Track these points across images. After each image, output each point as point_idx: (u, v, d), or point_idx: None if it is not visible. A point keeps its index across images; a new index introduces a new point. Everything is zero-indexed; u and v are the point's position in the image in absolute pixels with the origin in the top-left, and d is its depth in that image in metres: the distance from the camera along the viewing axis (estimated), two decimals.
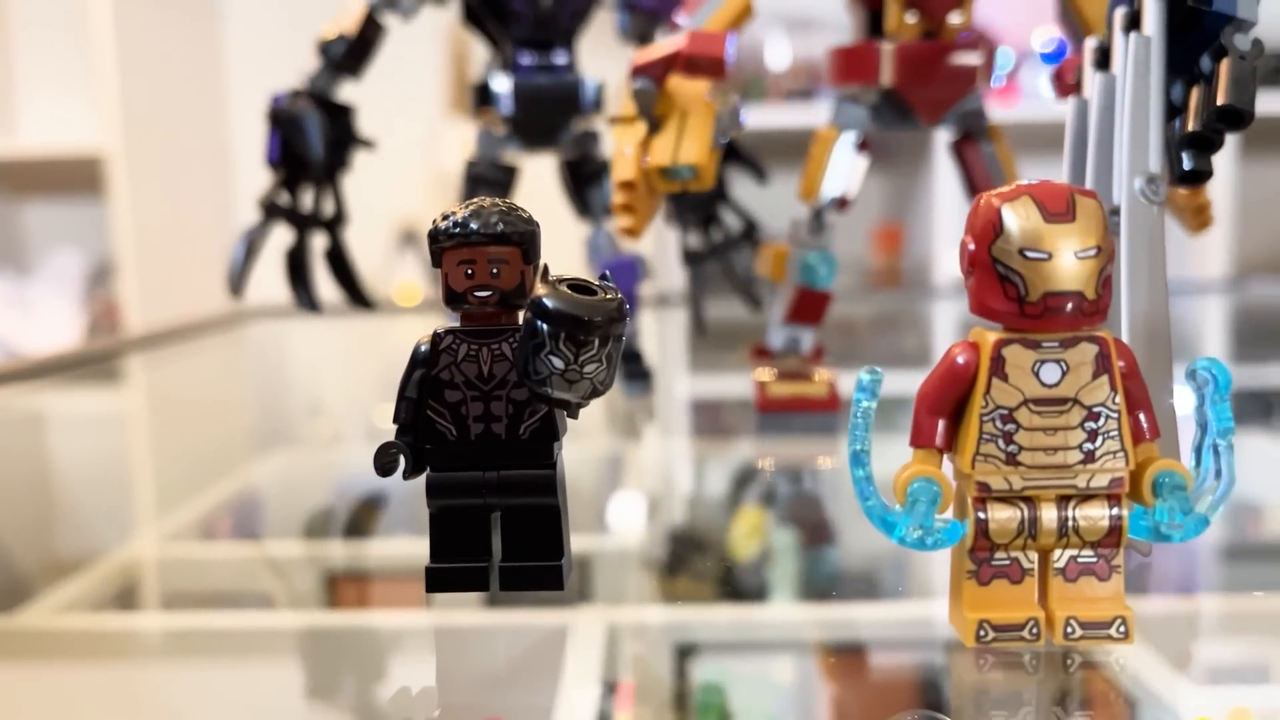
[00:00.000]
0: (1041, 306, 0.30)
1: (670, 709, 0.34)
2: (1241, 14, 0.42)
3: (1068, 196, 0.30)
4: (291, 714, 0.36)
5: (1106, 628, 0.31)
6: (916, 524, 0.31)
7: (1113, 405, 0.31)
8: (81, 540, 0.58)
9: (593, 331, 0.33)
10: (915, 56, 0.58)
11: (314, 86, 0.70)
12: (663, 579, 0.46)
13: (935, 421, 0.32)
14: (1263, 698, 0.34)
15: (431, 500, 0.37)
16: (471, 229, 0.35)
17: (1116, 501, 0.31)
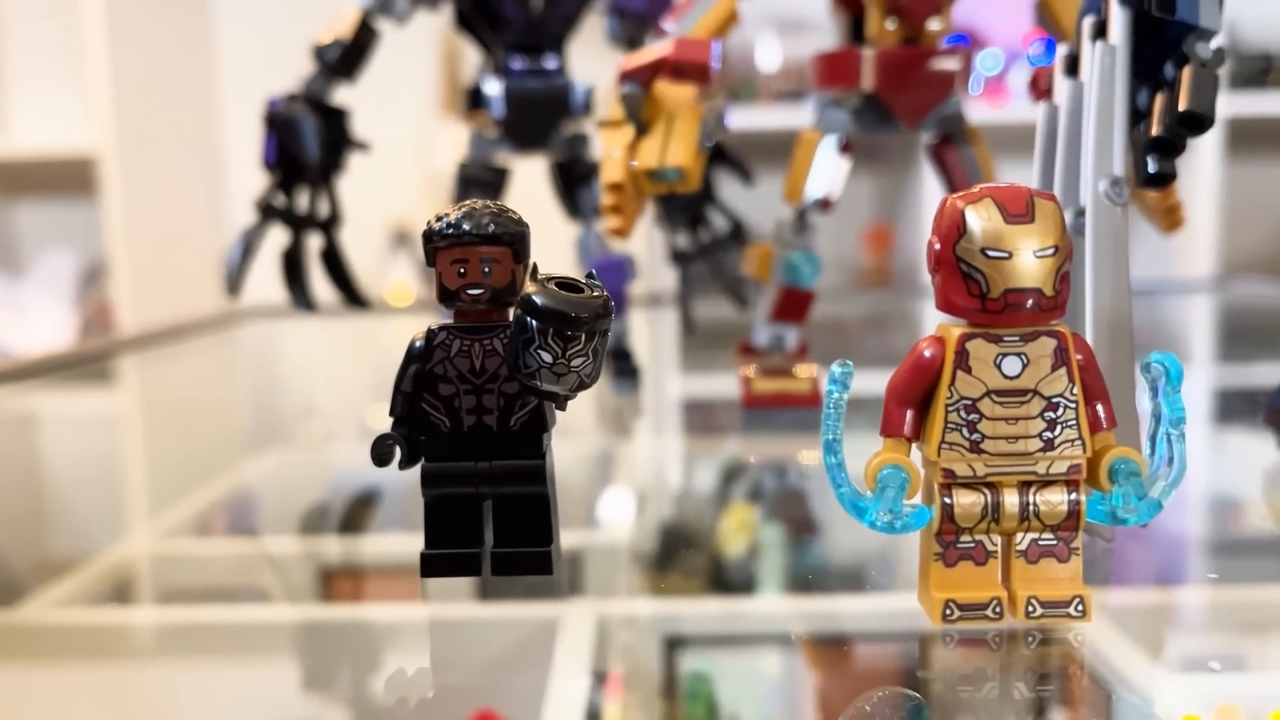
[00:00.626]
0: (1002, 303, 0.32)
1: (658, 697, 0.35)
2: (1203, 23, 0.44)
3: (1027, 199, 0.32)
4: (288, 705, 0.37)
5: (1065, 606, 0.33)
6: (886, 509, 0.33)
7: (1071, 396, 0.33)
8: (78, 537, 0.59)
9: (579, 327, 0.34)
10: (895, 62, 0.60)
11: (309, 90, 0.72)
12: (652, 572, 0.47)
13: (904, 412, 0.34)
14: (1231, 685, 0.35)
15: (426, 489, 0.39)
16: (464, 230, 0.37)
17: (1075, 487, 0.33)
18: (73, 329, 2.23)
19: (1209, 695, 0.34)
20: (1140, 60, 0.46)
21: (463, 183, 0.74)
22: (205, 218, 2.42)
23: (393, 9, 0.71)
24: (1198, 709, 0.32)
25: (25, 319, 2.24)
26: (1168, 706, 0.33)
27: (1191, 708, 0.33)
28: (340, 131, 0.74)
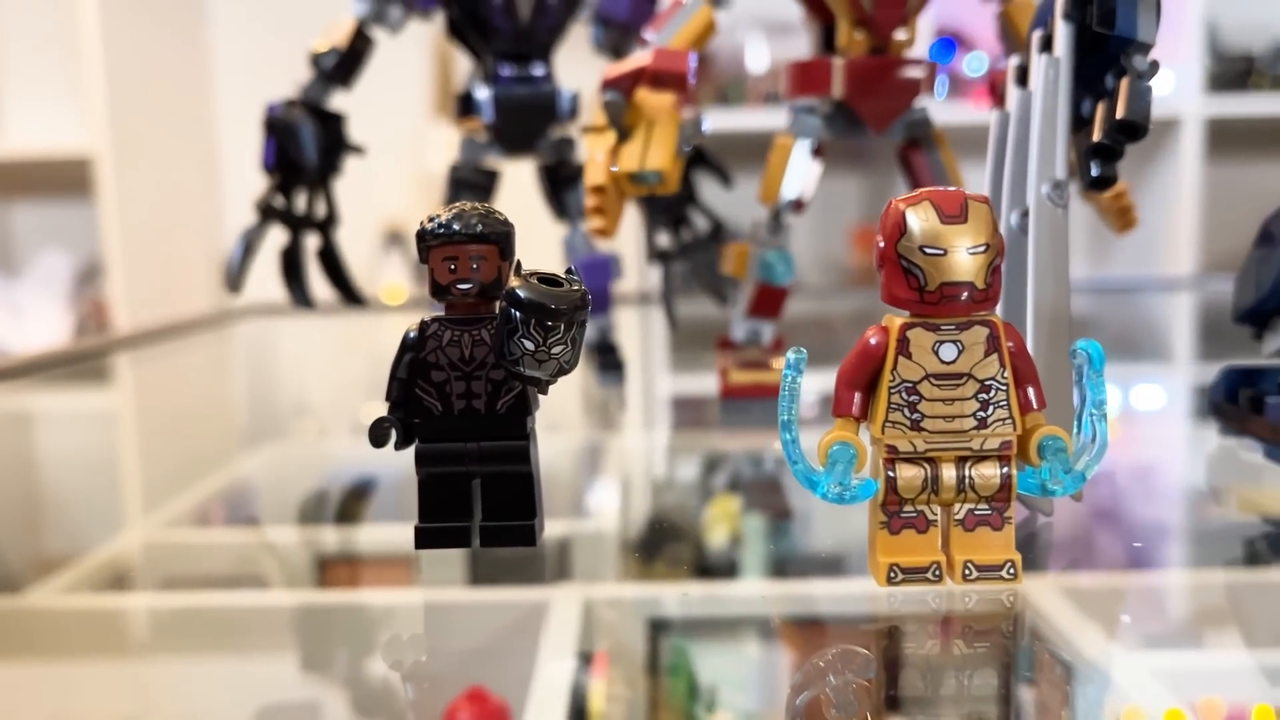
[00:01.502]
0: (939, 295, 0.36)
1: (641, 674, 0.37)
2: (1140, 37, 0.48)
3: (962, 201, 0.36)
4: (287, 685, 0.39)
5: (999, 570, 0.37)
6: (836, 481, 0.37)
7: (1002, 379, 0.36)
8: (79, 529, 0.60)
9: (559, 318, 0.38)
10: (863, 71, 0.64)
11: (307, 96, 0.76)
12: (636, 558, 0.49)
13: (852, 394, 0.37)
14: (1183, 661, 0.38)
15: (420, 468, 0.42)
16: (455, 229, 0.40)
17: (1006, 461, 0.37)
18: (68, 328, 2.25)
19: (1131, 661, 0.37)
20: (1084, 72, 0.49)
21: (454, 184, 0.77)
22: (200, 218, 2.43)
23: (387, 18, 0.75)
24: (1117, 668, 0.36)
25: (21, 319, 2.25)
26: (1093, 662, 0.37)
27: (1115, 665, 0.36)
28: (337, 135, 0.77)
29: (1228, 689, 0.35)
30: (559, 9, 0.74)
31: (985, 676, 0.35)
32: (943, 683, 0.34)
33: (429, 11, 0.75)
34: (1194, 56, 1.88)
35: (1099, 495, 0.53)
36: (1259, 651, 0.38)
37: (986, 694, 0.34)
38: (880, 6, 0.62)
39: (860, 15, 0.62)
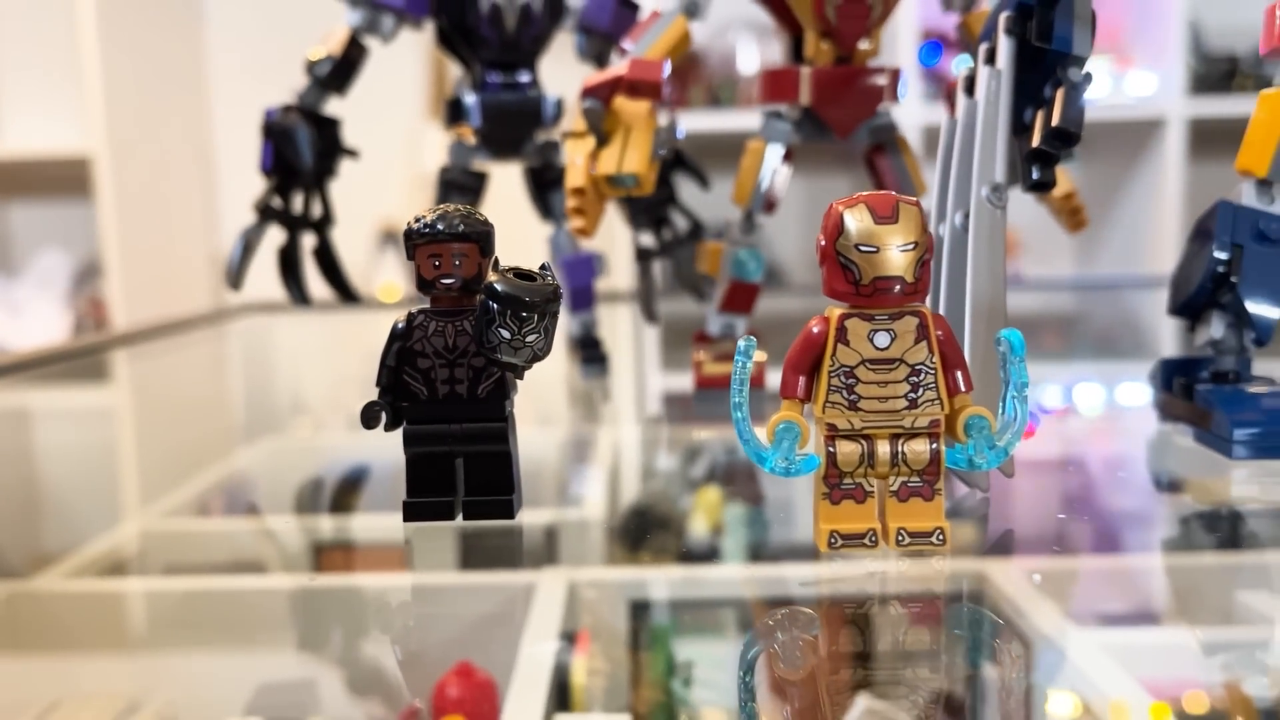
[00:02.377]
0: (873, 288, 0.40)
1: (622, 652, 0.39)
2: (1076, 51, 0.52)
3: (894, 204, 0.40)
4: (285, 662, 0.41)
5: (929, 536, 0.41)
6: (782, 456, 0.41)
7: (930, 364, 0.41)
8: (82, 518, 0.62)
9: (532, 310, 0.42)
10: (829, 79, 0.68)
11: (303, 102, 0.80)
12: (619, 544, 0.51)
13: (797, 378, 0.42)
14: (1128, 637, 0.41)
15: (408, 447, 0.47)
16: (439, 229, 0.45)
17: (935, 438, 0.41)
18: (66, 327, 2.27)
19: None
20: (1029, 83, 0.54)
21: (443, 186, 0.81)
22: (198, 217, 2.46)
23: (379, 28, 0.79)
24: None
25: (19, 318, 2.27)
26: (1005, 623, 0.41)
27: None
28: (332, 139, 0.81)
29: (1140, 662, 0.39)
30: (543, 19, 0.78)
31: (920, 635, 0.39)
32: (883, 640, 0.38)
33: (420, 21, 0.79)
34: (1178, 58, 1.92)
35: (1037, 478, 0.57)
36: (1173, 628, 0.42)
37: (921, 650, 0.38)
38: (844, 19, 0.66)
39: (826, 27, 0.67)
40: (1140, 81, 1.95)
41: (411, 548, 0.49)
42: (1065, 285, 1.98)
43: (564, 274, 0.83)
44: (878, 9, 0.66)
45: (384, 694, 0.38)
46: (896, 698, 0.34)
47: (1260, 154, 0.56)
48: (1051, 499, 0.56)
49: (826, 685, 0.36)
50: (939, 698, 0.35)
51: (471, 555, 0.48)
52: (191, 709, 0.38)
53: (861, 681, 0.36)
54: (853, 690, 0.35)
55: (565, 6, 0.80)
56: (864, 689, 0.35)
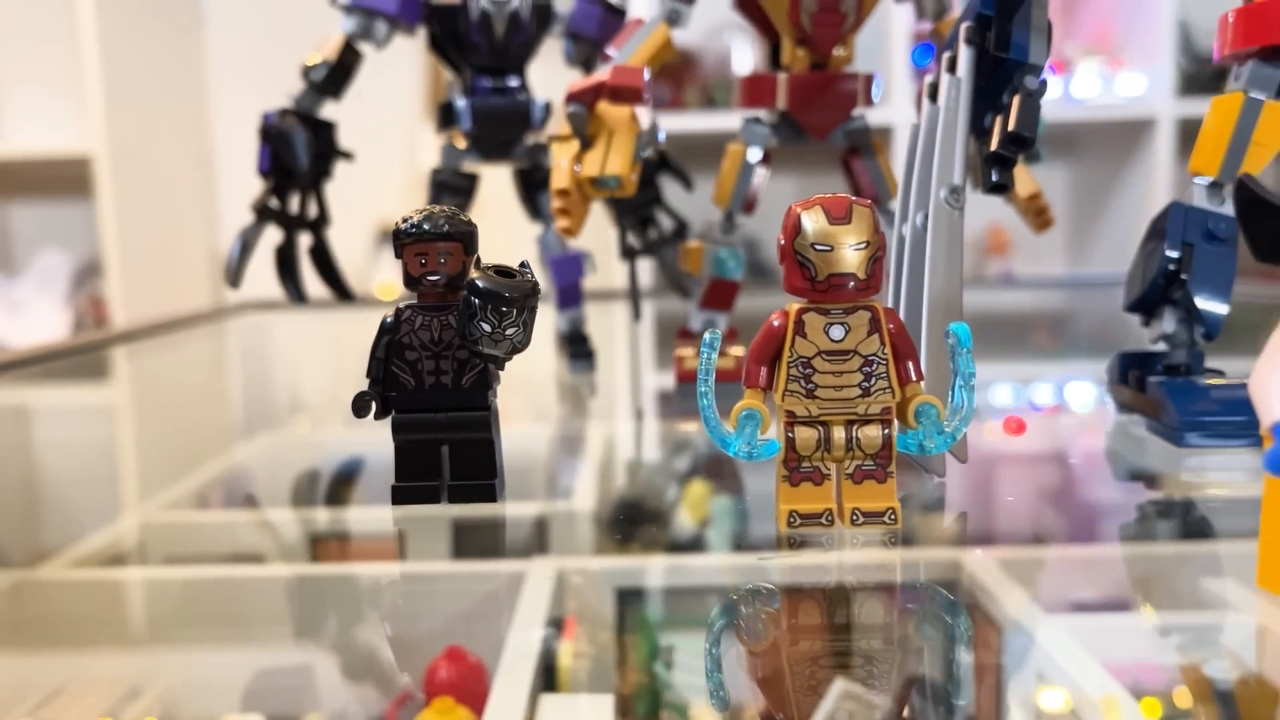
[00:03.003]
0: (828, 284, 0.43)
1: (608, 637, 0.41)
2: (1032, 60, 0.55)
3: (847, 205, 0.43)
4: (284, 647, 0.43)
5: (881, 515, 0.45)
6: (745, 441, 0.45)
7: (882, 355, 0.44)
8: (86, 510, 0.63)
9: (512, 305, 0.46)
10: (804, 85, 0.71)
11: (299, 106, 0.83)
12: (607, 533, 0.52)
13: (759, 368, 0.45)
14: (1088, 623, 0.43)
15: (396, 435, 0.50)
16: (425, 229, 0.48)
17: (887, 424, 0.45)
18: (66, 325, 2.30)
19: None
20: (990, 90, 0.57)
21: (435, 187, 0.84)
22: (197, 216, 2.49)
23: (373, 34, 0.82)
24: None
25: (19, 317, 2.30)
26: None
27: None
28: (328, 142, 0.84)
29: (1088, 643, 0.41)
30: (531, 25, 0.82)
31: (874, 608, 0.42)
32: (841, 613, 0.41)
33: (412, 28, 0.82)
34: (1167, 58, 1.95)
35: (994, 466, 0.61)
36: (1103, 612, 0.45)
37: (877, 622, 0.41)
38: (819, 27, 0.69)
39: (801, 34, 0.70)
40: (1130, 82, 1.99)
41: (404, 538, 0.52)
42: (1057, 284, 2.01)
43: (552, 272, 0.86)
44: (851, 17, 0.69)
45: (378, 678, 0.39)
46: (854, 667, 0.37)
47: (1211, 157, 0.59)
48: (1005, 485, 0.59)
49: (788, 655, 0.39)
50: (895, 668, 0.38)
51: (463, 545, 0.51)
52: (191, 694, 0.39)
53: (821, 653, 0.39)
54: (812, 661, 0.38)
55: (553, 13, 0.83)
56: (823, 660, 0.38)
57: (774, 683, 0.37)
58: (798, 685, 0.37)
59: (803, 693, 0.36)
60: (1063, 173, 2.26)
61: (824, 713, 0.34)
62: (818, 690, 0.36)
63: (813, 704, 0.35)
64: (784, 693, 0.36)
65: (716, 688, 0.37)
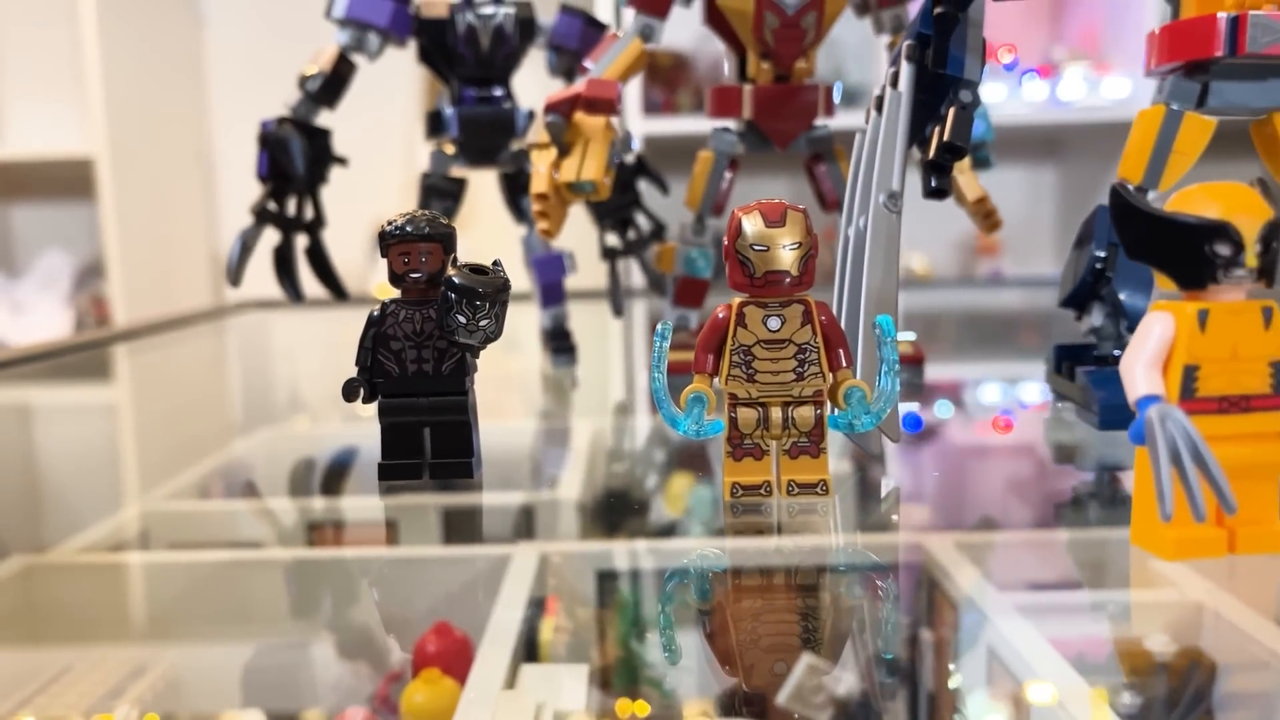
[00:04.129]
0: (764, 280, 0.49)
1: (587, 614, 0.44)
2: (967, 76, 0.61)
3: (783, 210, 0.49)
4: (279, 629, 0.45)
5: (814, 487, 0.51)
6: (693, 421, 0.50)
7: (814, 344, 0.50)
8: (90, 500, 0.66)
9: (484, 299, 0.52)
10: (768, 96, 0.77)
11: (296, 114, 0.88)
12: (589, 519, 0.56)
13: (707, 356, 0.51)
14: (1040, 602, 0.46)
15: (382, 418, 0.56)
16: (408, 231, 0.54)
17: (820, 405, 0.50)
18: (67, 325, 2.35)
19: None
20: (930, 102, 0.63)
21: (424, 191, 0.90)
22: (198, 217, 2.54)
23: (366, 46, 0.88)
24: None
25: (21, 317, 2.34)
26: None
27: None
28: (323, 148, 0.90)
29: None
30: (515, 38, 0.88)
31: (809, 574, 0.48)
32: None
33: (403, 40, 0.88)
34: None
35: (934, 448, 0.66)
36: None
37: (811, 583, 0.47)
38: (781, 42, 0.75)
39: (765, 49, 0.76)
40: (1116, 86, 2.04)
41: (397, 525, 0.56)
42: (1045, 283, 2.06)
43: (535, 271, 0.92)
44: (811, 33, 0.75)
45: (371, 657, 0.42)
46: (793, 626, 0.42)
47: (1136, 165, 0.65)
48: (939, 464, 0.65)
49: (732, 613, 0.45)
50: (829, 625, 0.43)
51: (452, 531, 0.55)
52: (193, 672, 0.42)
53: (760, 612, 0.44)
54: (754, 618, 0.44)
55: (536, 27, 0.89)
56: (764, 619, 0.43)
57: (721, 638, 0.42)
58: (741, 641, 0.41)
59: (745, 647, 0.41)
60: (1050, 174, 2.32)
61: (790, 686, 0.37)
62: (759, 644, 0.41)
63: (754, 656, 0.39)
64: (730, 647, 0.41)
65: (669, 643, 0.41)
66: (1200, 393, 0.41)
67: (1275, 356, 0.41)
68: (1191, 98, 0.64)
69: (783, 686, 0.36)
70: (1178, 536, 0.41)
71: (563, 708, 0.36)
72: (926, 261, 2.26)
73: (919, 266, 2.24)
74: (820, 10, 0.75)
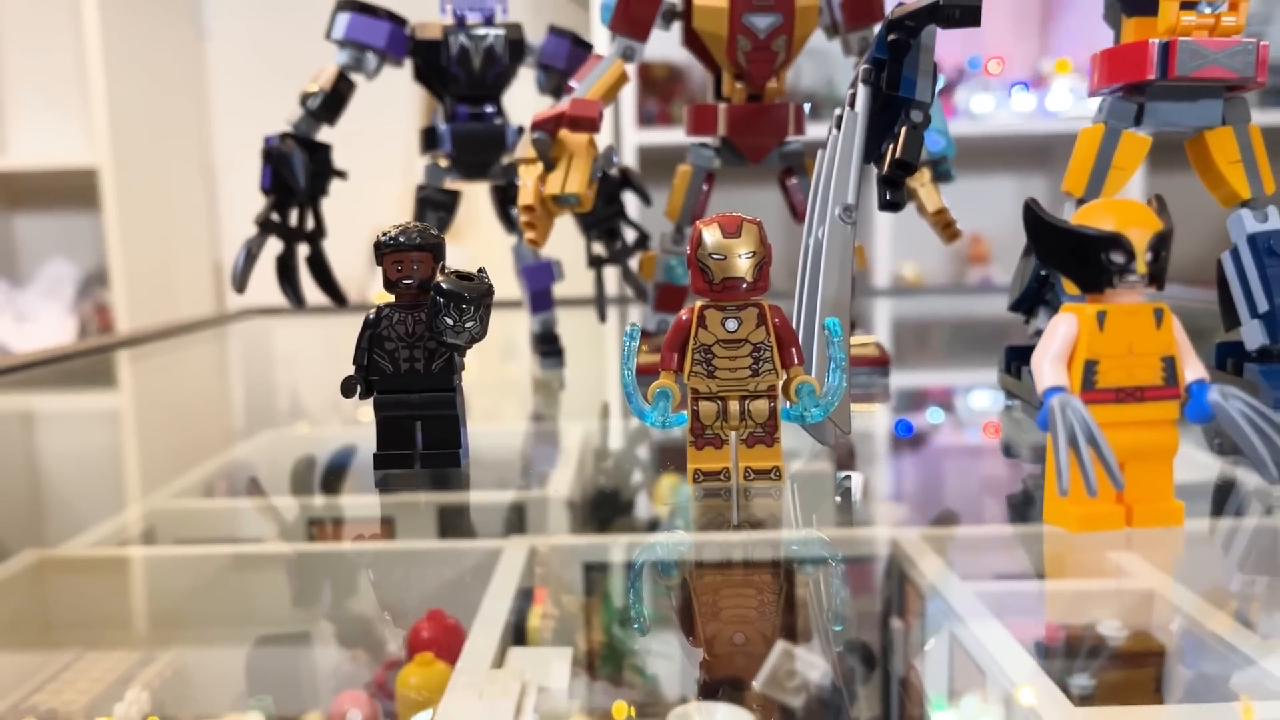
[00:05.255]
0: (722, 286, 0.55)
1: (573, 603, 0.47)
2: (918, 97, 0.66)
3: (739, 222, 0.55)
4: (281, 618, 0.47)
5: (768, 473, 0.56)
6: (660, 414, 0.56)
7: (768, 343, 0.56)
8: (100, 498, 0.69)
9: (470, 303, 0.57)
10: (741, 114, 0.83)
11: (298, 130, 0.95)
12: (580, 516, 0.60)
13: (672, 354, 0.57)
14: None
15: (377, 412, 0.61)
16: (400, 241, 0.60)
17: (773, 399, 0.56)
18: (71, 333, 2.41)
19: None
20: (886, 120, 0.68)
21: (420, 202, 0.97)
22: (199, 226, 2.60)
23: (364, 66, 0.94)
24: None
25: (26, 325, 2.41)
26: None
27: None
28: (324, 162, 0.95)
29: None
30: (506, 59, 0.94)
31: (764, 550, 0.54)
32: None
33: (400, 60, 0.94)
34: None
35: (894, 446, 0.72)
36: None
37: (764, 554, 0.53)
38: (753, 64, 0.81)
39: (738, 70, 0.82)
40: None
41: (394, 521, 0.60)
42: None
43: (524, 278, 0.99)
44: (781, 55, 0.81)
45: (369, 645, 0.44)
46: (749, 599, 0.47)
47: (1078, 179, 0.71)
48: (891, 457, 0.71)
49: (696, 588, 0.50)
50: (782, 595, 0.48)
51: (447, 526, 0.59)
52: (198, 659, 0.44)
53: (720, 586, 0.50)
54: (714, 594, 0.49)
55: (525, 47, 0.95)
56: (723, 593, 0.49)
57: (684, 611, 0.47)
58: (703, 613, 0.46)
59: (706, 618, 0.46)
60: (1040, 183, 2.38)
61: (766, 671, 0.39)
62: (719, 616, 0.47)
63: (715, 628, 0.44)
64: (692, 618, 0.45)
65: (638, 615, 0.46)
66: (1100, 384, 0.47)
67: (1165, 352, 0.47)
68: (1129, 117, 0.70)
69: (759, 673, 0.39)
70: (1081, 512, 0.47)
71: (548, 685, 0.39)
72: (917, 269, 2.32)
73: (910, 274, 2.30)
74: (790, 34, 0.81)
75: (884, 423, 0.81)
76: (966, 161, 2.37)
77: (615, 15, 0.83)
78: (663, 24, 0.84)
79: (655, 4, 0.82)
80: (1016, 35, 2.36)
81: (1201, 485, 0.60)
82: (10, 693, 0.40)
